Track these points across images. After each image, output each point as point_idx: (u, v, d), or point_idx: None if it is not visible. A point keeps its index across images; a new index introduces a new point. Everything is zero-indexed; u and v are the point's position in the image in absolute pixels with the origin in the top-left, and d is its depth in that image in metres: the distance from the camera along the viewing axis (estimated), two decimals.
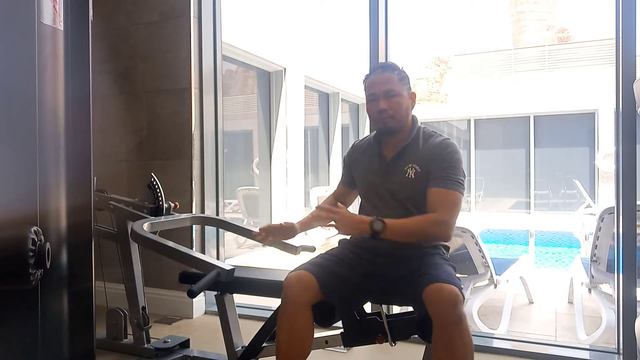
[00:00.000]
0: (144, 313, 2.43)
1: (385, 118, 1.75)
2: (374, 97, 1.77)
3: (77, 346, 1.36)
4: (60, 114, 1.29)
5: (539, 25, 22.75)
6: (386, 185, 1.77)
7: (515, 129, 12.76)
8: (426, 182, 1.72)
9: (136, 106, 3.25)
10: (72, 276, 1.34)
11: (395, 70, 1.79)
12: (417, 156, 1.75)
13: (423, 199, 1.71)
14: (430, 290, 1.45)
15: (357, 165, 1.92)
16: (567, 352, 2.42)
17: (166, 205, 2.40)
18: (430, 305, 1.45)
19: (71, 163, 1.31)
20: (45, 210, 1.24)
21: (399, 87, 1.76)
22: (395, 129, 1.77)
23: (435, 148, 1.73)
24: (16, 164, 1.19)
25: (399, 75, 1.78)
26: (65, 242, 1.30)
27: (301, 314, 1.59)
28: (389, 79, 1.76)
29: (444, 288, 1.44)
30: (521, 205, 12.47)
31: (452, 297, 1.43)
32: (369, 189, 1.83)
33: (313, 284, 1.59)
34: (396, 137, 1.80)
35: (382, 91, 1.75)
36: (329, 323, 1.69)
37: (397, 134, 1.79)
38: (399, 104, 1.75)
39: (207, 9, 3.17)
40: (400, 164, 1.76)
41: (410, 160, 1.75)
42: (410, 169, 1.73)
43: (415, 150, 1.76)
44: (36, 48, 1.21)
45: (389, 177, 1.77)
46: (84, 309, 1.38)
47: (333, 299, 1.62)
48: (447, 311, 1.43)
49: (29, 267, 1.13)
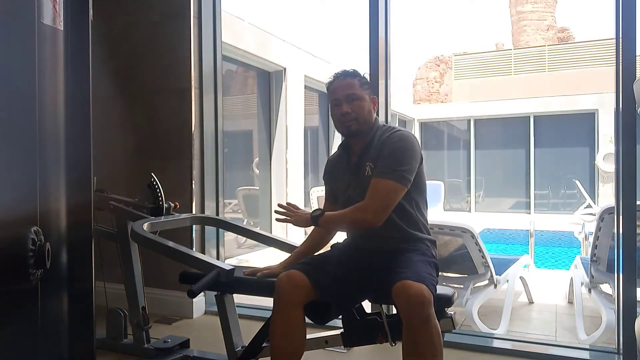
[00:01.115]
0: (144, 313, 2.43)
1: (348, 121, 1.81)
2: (337, 102, 1.83)
3: (77, 346, 1.36)
4: (60, 114, 1.29)
5: (539, 25, 22.75)
6: (353, 186, 1.83)
7: (515, 129, 12.76)
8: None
9: (136, 106, 3.25)
10: (72, 276, 1.34)
11: (357, 76, 1.86)
12: (373, 153, 1.80)
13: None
14: (397, 288, 1.47)
15: (334, 179, 1.97)
16: (567, 352, 2.42)
17: (166, 205, 2.39)
18: (398, 303, 1.48)
19: (71, 163, 1.31)
20: (45, 210, 1.24)
21: (360, 91, 1.83)
22: (358, 132, 1.83)
23: (385, 141, 1.78)
24: (16, 164, 1.19)
25: (360, 80, 1.85)
26: (65, 242, 1.30)
27: (294, 313, 1.62)
28: (350, 84, 1.83)
29: (411, 286, 1.46)
30: (521, 205, 12.47)
31: (419, 296, 1.45)
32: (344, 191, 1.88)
33: (304, 282, 1.62)
34: (360, 141, 1.85)
35: (345, 95, 1.81)
36: (325, 320, 1.70)
37: (361, 137, 1.84)
38: (361, 107, 1.81)
39: (207, 9, 3.17)
40: (362, 164, 1.82)
41: (368, 158, 1.80)
42: (368, 166, 1.78)
43: (373, 148, 1.81)
44: (36, 48, 1.21)
45: (355, 179, 1.83)
46: (84, 309, 1.38)
47: (326, 296, 1.65)
48: (413, 310, 1.45)
49: (29, 267, 1.13)
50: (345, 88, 1.83)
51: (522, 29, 23.04)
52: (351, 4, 10.62)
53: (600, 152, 11.33)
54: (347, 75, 1.86)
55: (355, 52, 8.42)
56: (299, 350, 1.64)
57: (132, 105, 3.25)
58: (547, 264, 7.11)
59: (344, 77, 1.86)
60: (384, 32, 2.69)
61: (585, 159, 12.13)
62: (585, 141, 12.11)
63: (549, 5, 23.14)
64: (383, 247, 1.73)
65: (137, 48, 3.25)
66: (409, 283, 1.47)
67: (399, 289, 1.47)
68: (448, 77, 20.38)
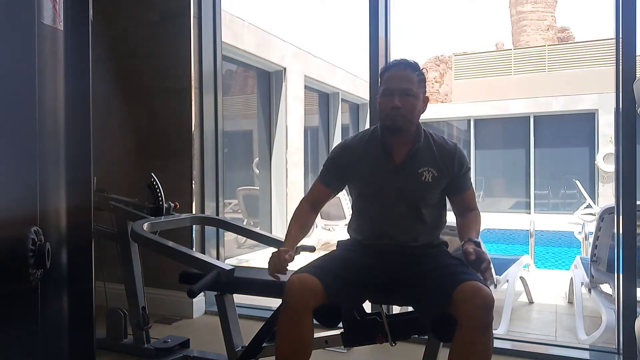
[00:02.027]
0: (144, 313, 2.43)
1: (396, 116, 1.67)
2: (389, 92, 1.69)
3: (77, 346, 1.36)
4: (60, 114, 1.29)
5: (539, 25, 22.75)
6: (398, 188, 1.72)
7: (515, 129, 12.76)
8: (441, 186, 1.75)
9: (136, 106, 3.25)
10: (72, 276, 1.33)
11: (417, 70, 1.73)
12: (432, 160, 1.73)
13: (434, 202, 1.75)
14: (465, 288, 1.41)
15: (355, 166, 1.79)
16: (567, 352, 2.42)
17: (166, 205, 2.39)
18: (462, 304, 1.40)
19: (71, 163, 1.31)
20: (45, 210, 1.23)
21: (417, 88, 1.70)
22: (402, 129, 1.71)
23: (453, 154, 1.76)
24: (16, 164, 1.19)
25: (419, 76, 1.72)
26: (65, 242, 1.30)
27: (303, 318, 1.54)
28: (408, 78, 1.69)
29: (482, 289, 1.40)
30: (521, 205, 12.48)
31: (489, 299, 1.40)
32: (378, 191, 1.74)
33: (317, 287, 1.53)
34: (400, 138, 1.74)
35: (400, 88, 1.68)
36: (334, 324, 1.65)
37: (401, 135, 1.73)
38: (413, 105, 1.69)
39: (207, 9, 3.17)
40: (414, 166, 1.72)
41: (424, 163, 1.72)
42: (426, 172, 1.71)
43: (429, 154, 1.74)
44: (36, 48, 1.20)
45: (401, 180, 1.72)
46: (84, 309, 1.38)
47: (339, 302, 1.58)
48: (481, 314, 1.39)
49: (29, 267, 1.13)
50: (401, 80, 1.69)
51: (522, 29, 23.05)
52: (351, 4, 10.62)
53: (600, 152, 11.33)
54: (407, 67, 1.71)
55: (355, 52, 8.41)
56: (306, 355, 1.59)
57: (132, 105, 3.25)
58: (547, 264, 7.11)
59: (403, 67, 1.71)
60: (384, 32, 2.69)
61: (585, 159, 12.13)
62: (585, 141, 12.11)
63: (549, 5, 23.15)
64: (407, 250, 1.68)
65: (137, 48, 3.25)
66: (478, 285, 1.41)
67: (468, 290, 1.40)
68: (448, 77, 20.39)
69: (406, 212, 1.72)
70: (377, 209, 1.75)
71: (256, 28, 6.56)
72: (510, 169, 12.93)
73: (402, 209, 1.72)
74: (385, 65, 1.80)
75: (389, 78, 1.72)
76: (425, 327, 1.56)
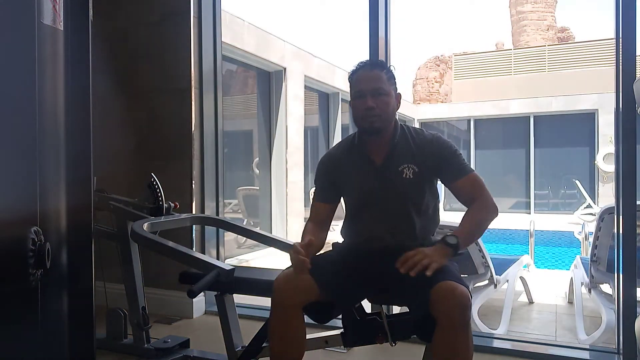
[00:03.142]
0: (144, 313, 2.43)
1: (372, 116, 1.66)
2: (361, 94, 1.68)
3: (77, 346, 1.36)
4: (60, 114, 1.29)
5: (539, 25, 22.75)
6: (382, 190, 1.70)
7: (515, 129, 12.77)
8: (425, 181, 1.70)
9: (136, 106, 3.25)
10: (72, 276, 1.33)
11: (384, 68, 1.72)
12: (410, 155, 1.70)
13: (421, 198, 1.70)
14: (440, 288, 1.41)
15: (342, 174, 1.78)
16: (567, 352, 2.42)
17: (166, 205, 2.39)
18: (438, 305, 1.40)
19: (71, 163, 1.31)
20: (45, 210, 1.23)
21: (387, 86, 1.69)
22: (380, 129, 1.69)
23: (432, 145, 1.71)
24: (16, 164, 1.19)
25: (387, 74, 1.71)
26: (65, 242, 1.30)
27: (293, 315, 1.56)
28: (377, 77, 1.69)
29: (457, 288, 1.40)
30: (521, 205, 12.48)
31: (465, 299, 1.40)
32: (366, 196, 1.73)
33: (307, 283, 1.54)
34: (380, 139, 1.72)
35: (371, 89, 1.67)
36: (326, 319, 1.66)
37: (381, 135, 1.71)
38: (386, 104, 1.68)
39: (207, 9, 3.17)
40: (394, 165, 1.70)
41: (403, 160, 1.69)
42: (406, 169, 1.68)
43: (407, 150, 1.71)
44: (36, 48, 1.20)
45: (384, 181, 1.70)
46: (84, 309, 1.38)
47: (329, 295, 1.58)
48: (457, 313, 1.39)
49: (29, 267, 1.13)
50: (371, 80, 1.68)
51: (522, 29, 23.05)
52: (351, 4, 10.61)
53: (600, 152, 11.34)
54: (374, 66, 1.72)
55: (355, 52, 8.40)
56: (299, 352, 1.61)
57: (132, 105, 3.25)
58: (547, 264, 7.12)
59: (370, 67, 1.71)
60: (384, 32, 2.69)
61: (585, 159, 12.14)
62: (585, 141, 12.12)
63: (549, 5, 23.15)
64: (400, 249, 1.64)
65: (137, 48, 3.25)
66: (453, 285, 1.41)
67: (442, 291, 1.40)
68: (448, 77, 20.39)
69: (395, 214, 1.70)
70: (366, 214, 1.75)
71: (256, 28, 6.56)
72: (510, 169, 12.94)
73: (389, 210, 1.70)
74: (353, 68, 1.76)
75: (357, 80, 1.71)
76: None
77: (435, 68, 22.02)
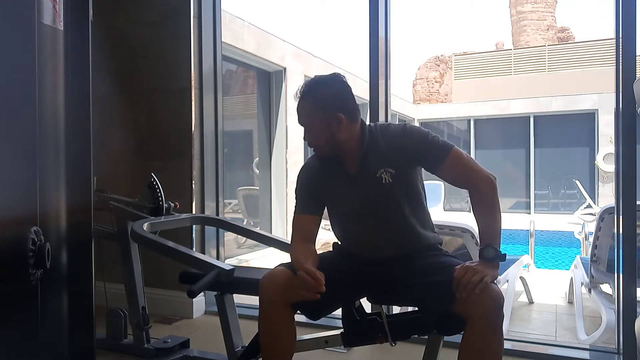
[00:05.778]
0: (144, 313, 2.43)
1: (315, 148, 1.67)
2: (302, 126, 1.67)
3: (77, 346, 1.36)
4: (60, 114, 1.29)
5: (539, 25, 22.76)
6: (362, 199, 1.63)
7: (515, 129, 12.77)
8: (406, 180, 1.62)
9: (136, 106, 3.25)
10: (72, 276, 1.33)
11: (309, 97, 1.62)
12: (384, 158, 1.60)
13: (408, 195, 1.63)
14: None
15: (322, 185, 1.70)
16: (567, 352, 2.42)
17: (166, 205, 2.39)
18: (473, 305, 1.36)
19: (71, 163, 1.31)
20: (45, 210, 1.23)
21: (312, 118, 1.61)
22: (330, 154, 1.65)
23: (403, 138, 1.61)
24: (16, 164, 1.19)
25: (314, 104, 1.61)
26: (65, 242, 1.30)
27: (279, 313, 1.55)
28: (303, 111, 1.64)
29: (493, 289, 1.37)
30: (521, 205, 12.48)
31: (500, 299, 1.38)
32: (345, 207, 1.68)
33: (290, 281, 1.51)
34: (345, 152, 1.64)
35: (302, 123, 1.65)
36: (318, 316, 1.64)
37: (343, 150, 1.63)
38: (317, 137, 1.63)
39: (207, 9, 3.17)
40: (369, 172, 1.60)
41: (378, 165, 1.60)
42: (384, 173, 1.58)
43: (379, 153, 1.61)
44: (36, 48, 1.20)
45: (362, 190, 1.62)
46: (84, 309, 1.38)
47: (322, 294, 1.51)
48: (493, 314, 1.36)
49: (29, 267, 1.13)
50: (300, 115, 1.65)
51: (522, 29, 23.05)
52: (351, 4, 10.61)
53: (600, 152, 11.34)
54: (302, 96, 1.63)
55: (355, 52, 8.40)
56: (288, 350, 1.60)
57: (132, 105, 3.25)
58: (547, 264, 7.12)
59: (301, 98, 1.64)
60: (384, 32, 2.69)
61: (585, 159, 12.14)
62: (585, 141, 12.12)
63: (549, 5, 23.16)
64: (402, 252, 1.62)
65: (136, 48, 3.25)
66: (491, 285, 1.37)
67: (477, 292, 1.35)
68: (448, 77, 20.39)
69: (381, 222, 1.63)
70: (352, 226, 1.70)
71: (256, 28, 6.56)
72: (510, 168, 12.94)
73: (374, 219, 1.63)
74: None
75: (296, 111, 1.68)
76: (428, 326, 1.55)
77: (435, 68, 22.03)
